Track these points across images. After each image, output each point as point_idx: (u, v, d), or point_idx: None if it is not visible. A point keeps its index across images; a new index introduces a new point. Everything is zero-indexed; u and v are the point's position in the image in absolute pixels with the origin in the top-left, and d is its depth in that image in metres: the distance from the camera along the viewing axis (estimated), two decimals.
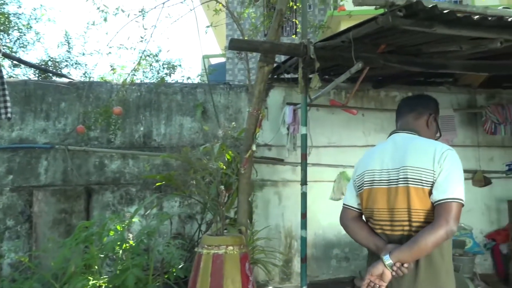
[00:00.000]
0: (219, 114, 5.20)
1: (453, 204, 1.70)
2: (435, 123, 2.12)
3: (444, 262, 1.79)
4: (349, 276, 5.14)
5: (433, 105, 2.15)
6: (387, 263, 1.72)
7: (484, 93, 5.61)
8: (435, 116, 2.12)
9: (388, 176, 1.90)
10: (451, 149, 1.84)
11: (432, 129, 2.11)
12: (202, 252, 3.19)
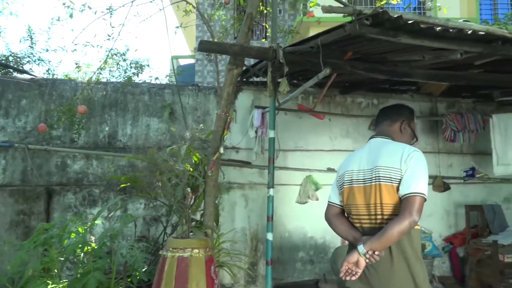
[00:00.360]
0: (187, 116, 5.16)
1: (416, 198, 1.95)
2: (409, 128, 2.33)
3: (413, 250, 2.03)
4: (314, 278, 5.20)
5: (405, 112, 2.36)
6: (361, 251, 1.96)
7: (444, 102, 5.84)
8: (408, 122, 2.32)
9: (364, 176, 2.15)
10: (417, 150, 2.08)
11: (406, 133, 2.32)
12: (167, 255, 3.15)
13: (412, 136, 2.36)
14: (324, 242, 5.29)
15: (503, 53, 3.25)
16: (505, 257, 4.67)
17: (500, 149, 5.27)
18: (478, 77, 4.18)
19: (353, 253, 1.99)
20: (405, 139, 2.30)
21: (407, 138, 2.33)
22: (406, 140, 2.31)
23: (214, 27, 6.48)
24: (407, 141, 2.31)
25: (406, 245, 2.02)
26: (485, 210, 5.28)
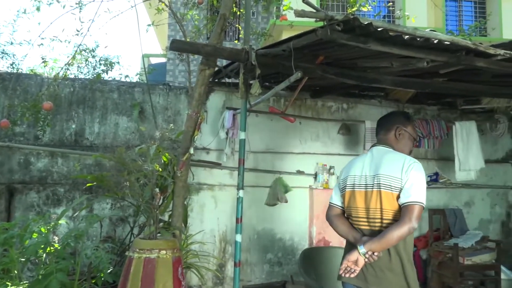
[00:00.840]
0: (157, 115, 5.09)
1: (415, 206, 2.14)
2: (406, 133, 2.44)
3: (406, 253, 2.24)
4: (281, 280, 5.24)
5: (399, 118, 2.49)
6: (361, 251, 2.14)
7: (411, 108, 6.01)
8: (402, 127, 2.44)
9: (366, 181, 2.31)
10: (417, 162, 2.28)
11: (403, 139, 2.45)
12: (133, 256, 3.09)
13: (411, 139, 2.47)
14: (292, 244, 5.33)
15: (466, 63, 3.37)
16: (465, 260, 4.85)
17: (462, 155, 5.48)
18: (443, 85, 4.33)
19: (353, 252, 2.16)
20: (402, 144, 2.45)
21: (404, 143, 2.46)
22: (404, 145, 2.45)
23: (186, 27, 6.43)
24: (406, 145, 2.46)
25: (401, 248, 2.22)
26: (447, 214, 5.47)
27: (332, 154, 5.59)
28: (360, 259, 2.14)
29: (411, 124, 2.49)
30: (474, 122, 5.60)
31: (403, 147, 2.45)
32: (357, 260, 2.15)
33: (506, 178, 6.37)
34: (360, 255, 2.14)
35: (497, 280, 4.90)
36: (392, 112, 2.63)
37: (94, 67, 7.42)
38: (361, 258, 2.14)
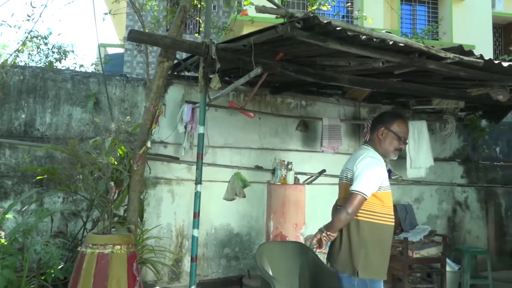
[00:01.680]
0: (114, 107, 4.95)
1: (353, 195, 2.48)
2: (390, 132, 2.64)
3: (359, 238, 2.51)
4: (238, 274, 5.26)
5: (384, 118, 2.71)
6: (319, 230, 2.57)
7: (367, 107, 6.19)
8: (385, 127, 2.65)
9: (341, 175, 2.77)
10: (371, 157, 2.57)
11: (386, 138, 2.65)
12: (86, 252, 3.01)
13: (396, 138, 2.64)
14: (249, 239, 5.37)
15: (419, 65, 3.52)
16: (414, 253, 5.07)
17: (413, 153, 5.72)
18: (397, 85, 4.49)
19: (317, 232, 2.58)
20: (386, 144, 2.65)
21: (388, 142, 2.65)
22: (388, 144, 2.65)
23: (145, 17, 6.29)
24: (390, 144, 2.65)
25: (354, 233, 2.53)
26: (398, 210, 5.69)
27: (290, 150, 5.67)
28: (318, 236, 2.55)
29: (397, 123, 2.65)
30: (425, 122, 5.86)
31: (388, 146, 2.65)
32: (319, 238, 2.55)
33: (453, 176, 6.73)
34: (319, 233, 2.55)
35: (442, 272, 5.16)
36: (382, 113, 2.85)
37: (46, 55, 7.09)
38: (318, 235, 2.55)
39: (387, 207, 2.60)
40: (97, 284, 2.91)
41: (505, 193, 7.06)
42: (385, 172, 2.62)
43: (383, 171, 2.61)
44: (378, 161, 2.58)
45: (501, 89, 4.30)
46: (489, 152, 7.11)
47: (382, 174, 2.58)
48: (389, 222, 2.59)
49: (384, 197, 2.59)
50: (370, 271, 2.51)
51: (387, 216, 2.60)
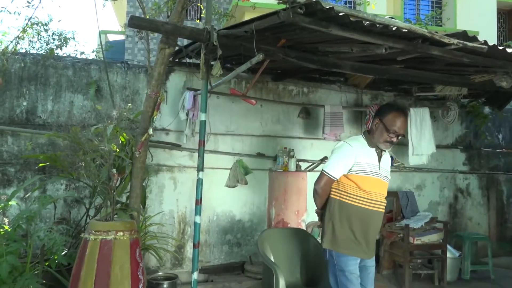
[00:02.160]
0: (115, 94, 4.94)
1: (320, 173, 2.83)
2: (381, 124, 2.77)
3: (329, 214, 2.82)
4: (240, 261, 5.31)
5: (382, 109, 2.84)
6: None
7: (369, 94, 6.16)
8: (380, 118, 2.78)
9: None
10: (343, 141, 2.85)
11: (378, 129, 2.80)
12: (89, 238, 3.03)
13: (386, 130, 2.75)
14: (251, 225, 5.40)
15: (422, 51, 3.49)
16: (414, 239, 5.10)
17: (415, 140, 5.70)
18: (399, 72, 4.47)
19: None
20: (377, 135, 2.80)
21: (379, 133, 2.79)
22: (378, 135, 2.79)
23: (146, 4, 6.24)
24: (380, 136, 2.78)
25: (327, 210, 2.86)
26: (400, 197, 5.71)
27: (292, 137, 5.66)
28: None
29: (391, 116, 2.75)
30: (427, 109, 5.83)
31: (378, 137, 2.80)
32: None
33: (454, 163, 6.72)
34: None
35: (443, 258, 5.19)
36: (384, 104, 3.04)
37: (47, 42, 7.04)
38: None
39: (365, 191, 2.77)
40: (100, 270, 2.93)
41: (507, 180, 7.06)
42: (361, 157, 2.78)
43: (356, 154, 2.77)
44: (349, 146, 2.78)
45: (504, 75, 4.27)
46: (492, 139, 7.09)
47: (351, 158, 2.76)
48: (363, 205, 2.77)
49: (360, 181, 2.77)
50: (335, 244, 2.76)
51: (363, 199, 2.77)
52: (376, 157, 2.83)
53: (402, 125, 2.77)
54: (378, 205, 2.83)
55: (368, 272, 2.89)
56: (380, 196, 2.84)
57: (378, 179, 2.83)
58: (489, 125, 7.04)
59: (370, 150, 2.83)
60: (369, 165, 2.79)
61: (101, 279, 2.92)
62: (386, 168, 2.91)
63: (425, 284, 5.24)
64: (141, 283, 3.09)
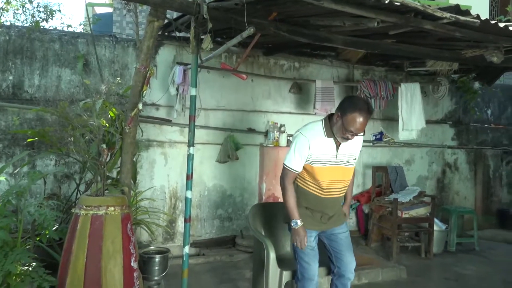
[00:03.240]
0: (103, 69, 4.85)
1: (283, 167, 2.88)
2: (341, 121, 2.70)
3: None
4: (231, 235, 5.37)
5: (345, 104, 2.73)
6: None
7: (360, 69, 6.14)
8: (340, 114, 2.70)
9: None
10: (298, 131, 2.85)
11: (336, 124, 2.74)
12: (80, 213, 3.03)
13: (343, 128, 2.68)
14: (242, 200, 5.45)
15: (414, 25, 3.46)
16: (403, 213, 5.20)
17: (405, 115, 5.73)
18: (391, 46, 4.44)
19: None
20: (335, 127, 2.75)
21: (337, 127, 2.73)
22: (337, 129, 2.73)
23: None
24: (338, 131, 2.73)
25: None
26: (389, 171, 5.78)
27: (283, 112, 5.65)
28: None
29: (351, 116, 2.64)
30: (418, 84, 5.84)
31: (336, 131, 2.75)
32: None
33: (443, 138, 6.79)
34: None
35: (430, 231, 5.31)
36: (349, 97, 2.87)
37: (32, 14, 6.85)
38: None
39: (317, 180, 2.84)
40: (92, 245, 2.95)
41: (494, 155, 7.18)
42: (316, 147, 2.77)
43: (310, 146, 2.76)
44: (303, 137, 2.77)
45: (495, 50, 4.27)
46: (480, 114, 7.16)
47: (305, 149, 2.76)
48: (316, 192, 2.88)
49: (313, 171, 2.82)
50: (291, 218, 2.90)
51: (316, 187, 2.87)
52: (334, 146, 2.80)
53: (361, 127, 2.66)
54: (333, 193, 2.90)
55: (339, 238, 2.99)
56: (336, 183, 2.88)
57: (336, 167, 2.84)
58: (479, 101, 7.10)
59: (327, 139, 2.79)
60: (324, 156, 2.79)
61: (92, 253, 2.94)
62: (348, 152, 2.86)
63: (412, 256, 5.37)
64: (133, 256, 3.12)
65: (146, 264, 3.58)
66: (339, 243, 2.98)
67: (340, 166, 2.85)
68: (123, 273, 3.00)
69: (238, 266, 4.77)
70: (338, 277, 2.99)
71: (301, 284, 2.92)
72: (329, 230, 2.99)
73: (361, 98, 2.84)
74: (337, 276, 3.00)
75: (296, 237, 2.82)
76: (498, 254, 5.64)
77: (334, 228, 2.99)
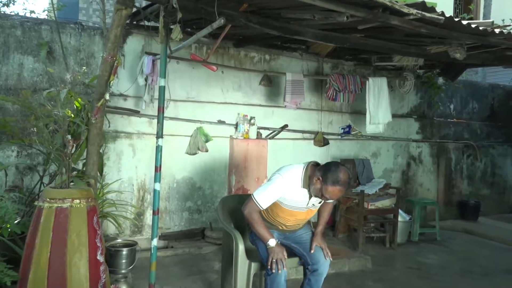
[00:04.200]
0: (69, 57, 4.70)
1: (249, 196, 3.00)
2: (320, 185, 2.81)
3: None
4: (200, 227, 5.36)
5: (328, 173, 2.79)
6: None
7: (329, 63, 6.21)
8: (322, 181, 2.80)
9: None
10: (280, 174, 2.94)
11: (315, 185, 2.85)
12: (43, 206, 2.94)
13: (321, 193, 2.82)
14: (211, 192, 5.43)
15: (382, 20, 3.52)
16: (369, 205, 5.33)
17: (372, 109, 5.85)
18: (360, 41, 4.51)
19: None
20: (312, 188, 2.86)
21: (315, 189, 2.85)
22: (313, 190, 2.86)
23: None
24: (314, 191, 2.86)
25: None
26: (356, 164, 5.90)
27: (253, 104, 5.65)
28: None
29: (331, 188, 2.77)
30: (385, 79, 5.96)
31: (312, 190, 2.88)
32: None
33: (409, 132, 6.99)
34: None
35: (395, 222, 5.48)
36: (331, 164, 2.89)
37: None
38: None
39: (282, 217, 3.04)
40: (56, 238, 2.87)
41: (456, 148, 7.45)
42: (291, 194, 2.92)
43: (286, 191, 2.91)
44: (283, 182, 2.89)
45: (458, 47, 4.42)
46: (444, 109, 7.41)
47: (281, 192, 2.91)
48: (277, 225, 3.11)
49: (280, 210, 3.00)
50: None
51: (279, 222, 3.09)
52: (307, 196, 2.95)
53: (338, 196, 2.86)
54: (291, 227, 3.13)
55: (305, 238, 3.16)
56: (298, 221, 3.09)
57: (302, 212, 3.03)
58: (442, 96, 7.33)
59: (302, 190, 2.93)
60: (295, 202, 2.96)
61: (57, 247, 2.86)
62: (319, 201, 3.01)
63: (377, 246, 5.52)
64: (99, 250, 3.06)
65: (113, 257, 3.52)
66: (308, 242, 3.12)
67: (307, 211, 3.05)
68: (88, 267, 2.94)
69: (207, 258, 4.77)
70: (313, 272, 3.05)
71: (270, 279, 2.93)
72: (291, 233, 3.17)
73: (345, 170, 2.81)
74: (311, 272, 3.06)
75: (274, 256, 2.85)
76: (458, 244, 5.89)
77: (296, 231, 3.18)
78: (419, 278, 4.49)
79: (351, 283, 4.23)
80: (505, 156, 8.16)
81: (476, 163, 7.70)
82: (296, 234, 3.20)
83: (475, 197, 7.56)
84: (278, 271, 2.79)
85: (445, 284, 4.33)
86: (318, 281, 3.06)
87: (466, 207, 7.23)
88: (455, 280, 4.48)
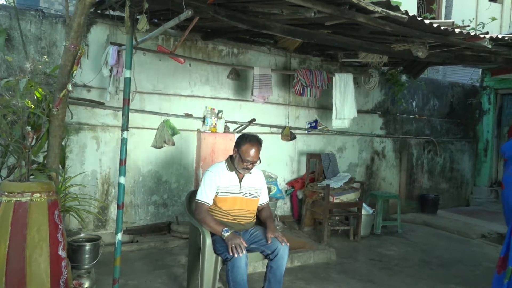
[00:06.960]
0: (28, 45, 4.51)
1: (195, 202, 3.29)
2: (238, 155, 3.24)
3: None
4: (166, 221, 5.31)
5: (238, 142, 3.27)
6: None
7: (297, 58, 6.27)
8: (236, 149, 3.27)
9: None
10: (208, 169, 3.34)
11: (235, 159, 3.29)
12: (1, 200, 2.82)
13: (241, 160, 3.20)
14: (178, 186, 5.38)
15: (348, 17, 3.59)
16: (334, 198, 5.44)
17: (338, 105, 5.96)
18: (327, 37, 4.57)
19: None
20: (235, 162, 3.28)
21: (237, 161, 3.25)
22: (236, 163, 3.26)
23: None
24: (237, 163, 3.25)
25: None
26: (322, 158, 6.00)
27: (221, 98, 5.63)
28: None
29: (245, 148, 3.19)
30: (351, 75, 6.08)
31: (236, 165, 3.27)
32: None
33: (373, 127, 7.17)
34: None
35: (358, 215, 5.62)
36: (241, 135, 3.35)
37: None
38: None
39: (225, 209, 3.28)
40: (15, 233, 2.77)
41: (417, 144, 7.71)
42: (221, 180, 3.25)
43: (216, 179, 3.24)
44: (210, 173, 3.27)
45: (421, 46, 4.56)
46: (406, 105, 7.64)
47: (213, 182, 3.23)
48: (225, 219, 3.28)
49: (221, 202, 3.27)
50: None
51: (225, 215, 3.29)
52: (236, 179, 3.29)
53: (255, 155, 3.19)
54: (240, 219, 3.31)
55: (256, 237, 3.23)
56: (242, 212, 3.31)
57: (240, 198, 3.28)
58: (405, 93, 7.56)
59: (230, 173, 3.29)
60: (229, 186, 3.26)
61: (16, 242, 2.76)
62: (252, 186, 3.34)
63: (342, 239, 5.65)
64: (61, 245, 2.97)
65: (75, 252, 3.43)
66: (263, 237, 3.19)
67: (244, 197, 3.29)
68: (49, 263, 2.85)
69: (173, 252, 4.73)
70: (274, 258, 3.10)
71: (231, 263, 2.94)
72: (245, 233, 3.26)
73: (251, 134, 3.37)
74: (272, 259, 3.10)
75: (232, 242, 2.94)
76: (418, 236, 6.11)
77: (248, 229, 3.32)
78: (381, 269, 4.63)
79: (316, 275, 4.32)
80: (463, 152, 8.53)
81: (436, 158, 8.01)
82: (250, 233, 3.26)
83: (434, 191, 7.86)
84: (240, 254, 2.88)
85: (404, 275, 4.49)
86: (280, 266, 3.09)
87: (426, 200, 7.51)
88: (414, 270, 4.65)
